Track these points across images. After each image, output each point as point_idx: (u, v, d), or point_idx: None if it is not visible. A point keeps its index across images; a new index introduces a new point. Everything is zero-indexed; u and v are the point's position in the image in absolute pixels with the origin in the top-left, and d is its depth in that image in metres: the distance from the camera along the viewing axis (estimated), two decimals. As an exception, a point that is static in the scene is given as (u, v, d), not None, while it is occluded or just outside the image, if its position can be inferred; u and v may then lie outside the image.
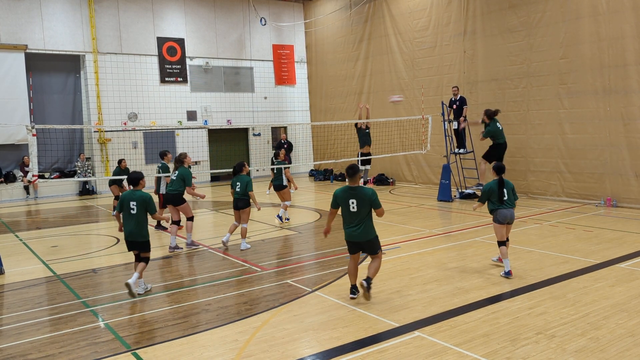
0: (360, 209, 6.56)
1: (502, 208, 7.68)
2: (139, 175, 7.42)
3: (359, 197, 6.58)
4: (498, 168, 7.87)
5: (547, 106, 14.46)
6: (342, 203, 6.66)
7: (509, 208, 7.70)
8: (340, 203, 6.70)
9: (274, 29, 24.41)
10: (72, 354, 5.42)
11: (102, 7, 20.35)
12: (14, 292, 7.77)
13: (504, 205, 7.68)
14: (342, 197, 6.67)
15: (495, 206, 7.71)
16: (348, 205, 6.60)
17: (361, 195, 6.58)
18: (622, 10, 12.64)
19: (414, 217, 12.71)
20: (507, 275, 7.48)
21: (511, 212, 7.73)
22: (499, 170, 7.85)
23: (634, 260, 8.21)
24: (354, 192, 6.63)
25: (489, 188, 7.77)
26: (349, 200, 6.59)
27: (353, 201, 6.57)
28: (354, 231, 6.63)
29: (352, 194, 6.62)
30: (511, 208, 7.72)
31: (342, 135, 21.58)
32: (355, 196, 6.59)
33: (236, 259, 9.17)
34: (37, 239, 11.79)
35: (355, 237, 6.64)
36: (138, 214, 7.19)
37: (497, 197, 7.69)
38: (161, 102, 21.68)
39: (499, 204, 7.68)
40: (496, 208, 7.71)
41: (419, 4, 18.32)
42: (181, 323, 6.19)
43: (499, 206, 7.69)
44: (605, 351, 5.04)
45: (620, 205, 13.00)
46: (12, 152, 19.33)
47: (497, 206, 7.70)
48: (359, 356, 5.14)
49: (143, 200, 7.20)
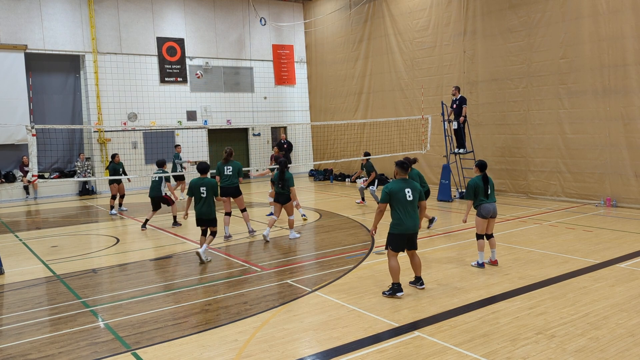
0: (415, 199, 6.81)
1: (485, 202, 8.01)
2: (207, 166, 9.24)
3: (412, 186, 6.86)
4: (481, 165, 8.20)
5: (547, 106, 14.46)
6: (397, 195, 6.76)
7: (492, 202, 8.05)
8: (393, 195, 6.78)
9: (273, 29, 24.41)
10: (72, 354, 5.42)
11: (101, 7, 20.34)
12: (13, 292, 7.77)
13: (488, 200, 8.03)
14: (397, 188, 6.78)
15: (479, 201, 8.03)
16: (404, 195, 6.74)
17: (413, 185, 6.90)
18: (622, 10, 12.64)
19: (414, 217, 12.68)
20: (480, 266, 7.97)
21: (494, 207, 8.09)
22: (482, 167, 8.18)
23: (634, 260, 8.21)
24: (408, 183, 6.88)
25: (474, 184, 8.04)
26: (405, 189, 6.77)
27: (408, 190, 6.77)
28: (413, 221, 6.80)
29: (407, 184, 6.85)
30: (494, 202, 8.10)
31: (342, 135, 21.58)
32: (410, 185, 6.85)
33: (236, 259, 9.17)
34: (37, 239, 11.79)
35: (407, 229, 6.78)
36: (208, 197, 8.91)
37: (483, 192, 8.01)
38: (161, 102, 21.67)
39: (483, 199, 8.01)
40: (480, 203, 8.02)
41: (418, 4, 18.32)
42: (181, 323, 6.19)
43: (483, 201, 8.01)
44: (605, 351, 5.04)
45: (620, 205, 13.00)
46: (11, 152, 19.32)
47: (481, 201, 8.01)
48: (359, 356, 5.14)
49: (212, 185, 8.99)
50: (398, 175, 6.97)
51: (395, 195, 6.76)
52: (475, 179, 8.10)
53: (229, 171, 10.69)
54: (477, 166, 8.24)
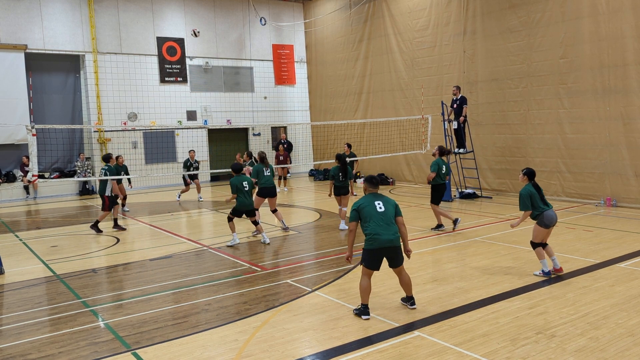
0: (388, 211, 6.18)
1: (547, 210, 7.44)
2: (241, 166, 10.67)
3: (384, 199, 6.29)
4: (530, 173, 7.65)
5: (547, 106, 14.47)
6: (366, 209, 6.16)
7: (551, 209, 7.51)
8: (362, 209, 6.18)
9: (273, 29, 24.40)
10: (72, 354, 5.42)
11: (101, 7, 20.34)
12: (13, 292, 7.77)
13: (548, 207, 7.48)
14: (366, 202, 6.21)
15: (539, 210, 7.44)
16: (375, 207, 6.15)
17: (385, 199, 6.33)
18: (622, 10, 12.64)
19: (414, 216, 12.70)
20: (547, 275, 7.35)
21: (555, 213, 7.54)
22: (531, 175, 7.63)
23: (634, 260, 8.21)
24: (378, 196, 6.33)
25: (528, 193, 7.45)
26: (375, 202, 6.20)
27: (379, 202, 6.20)
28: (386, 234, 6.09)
29: (377, 198, 6.30)
30: (552, 208, 7.55)
31: (342, 135, 21.57)
32: (381, 198, 6.29)
33: (236, 259, 9.17)
34: (37, 238, 11.79)
35: (382, 243, 6.06)
36: (249, 190, 10.30)
37: (539, 199, 7.44)
38: (161, 101, 21.67)
39: (544, 207, 7.44)
40: (542, 211, 7.43)
41: (418, 3, 18.32)
42: (181, 323, 6.19)
43: (544, 209, 7.44)
44: (605, 351, 5.04)
45: (620, 205, 13.00)
46: (11, 152, 19.32)
47: (542, 209, 7.43)
48: (359, 356, 5.14)
49: (251, 181, 10.46)
50: (367, 191, 6.38)
51: (365, 210, 6.13)
52: (527, 187, 7.51)
53: (268, 172, 11.33)
54: (526, 174, 7.65)
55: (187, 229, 12.62)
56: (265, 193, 11.20)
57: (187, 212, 15.15)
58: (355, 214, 6.20)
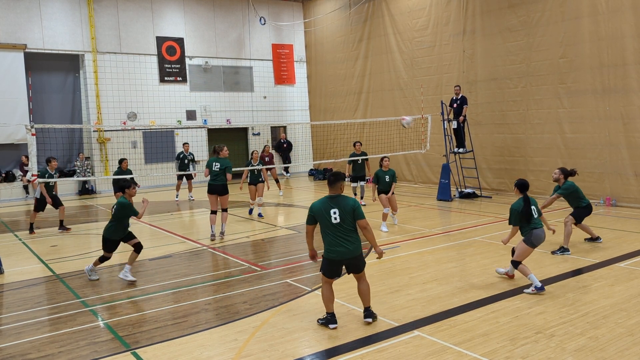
0: (344, 220, 5.73)
1: (536, 228, 7.03)
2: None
3: (341, 205, 5.76)
4: (522, 185, 7.23)
5: (546, 105, 14.47)
6: (320, 217, 5.81)
7: (541, 228, 7.11)
8: (316, 217, 5.85)
9: (273, 29, 24.39)
10: (71, 354, 5.42)
11: (101, 7, 20.33)
12: (13, 291, 7.76)
13: (538, 225, 7.08)
14: (321, 209, 5.80)
15: (528, 228, 7.04)
16: (329, 217, 5.74)
17: (344, 204, 5.78)
18: (622, 10, 12.65)
19: (414, 216, 12.71)
20: (540, 290, 6.73)
21: (544, 232, 7.15)
22: (523, 188, 7.23)
23: (633, 260, 8.22)
24: (335, 201, 5.80)
25: (518, 208, 7.08)
26: (330, 210, 5.75)
27: (335, 211, 5.74)
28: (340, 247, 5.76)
29: (333, 204, 5.79)
30: (542, 227, 7.15)
31: (342, 135, 21.57)
32: (338, 204, 5.77)
33: (236, 259, 9.17)
34: (37, 238, 11.78)
35: (341, 255, 5.77)
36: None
37: (527, 216, 7.05)
38: (160, 101, 21.67)
39: (531, 224, 7.04)
40: (530, 229, 7.02)
41: (418, 3, 18.32)
42: (181, 322, 6.18)
43: (532, 226, 7.04)
44: (604, 350, 5.04)
45: (619, 204, 13.01)
46: (11, 152, 19.30)
47: (530, 227, 7.03)
48: (358, 355, 5.14)
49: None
50: (331, 191, 5.90)
51: (319, 217, 5.79)
52: (519, 201, 7.12)
53: (216, 167, 10.83)
54: (517, 187, 7.25)
55: (186, 229, 12.61)
56: (212, 190, 10.81)
57: (187, 212, 15.14)
58: (311, 219, 5.89)
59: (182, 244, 10.45)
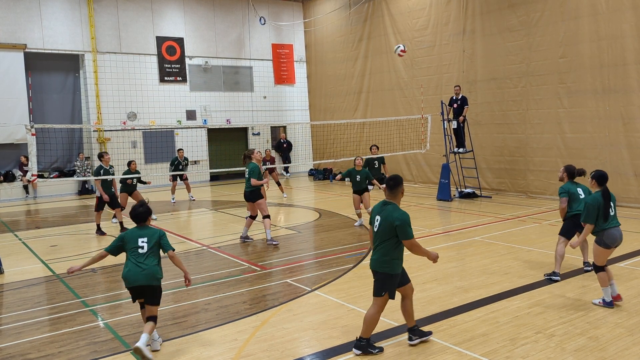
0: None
1: (611, 227, 6.20)
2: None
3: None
4: (600, 177, 6.33)
5: (546, 105, 14.47)
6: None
7: (617, 227, 6.27)
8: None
9: (273, 28, 24.39)
10: (71, 354, 5.42)
11: (101, 7, 20.33)
12: (13, 291, 7.76)
13: (611, 224, 6.22)
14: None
15: (601, 226, 6.19)
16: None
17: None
18: (622, 10, 12.64)
19: (414, 216, 12.63)
20: (609, 305, 6.14)
21: (621, 232, 6.29)
22: (602, 180, 6.32)
23: (633, 260, 8.22)
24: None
25: (595, 202, 6.17)
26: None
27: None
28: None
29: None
30: (619, 226, 6.34)
31: (342, 135, 21.58)
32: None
33: (236, 259, 9.17)
34: (37, 238, 11.78)
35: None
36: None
37: (604, 213, 6.16)
38: (160, 101, 21.67)
39: (607, 223, 6.20)
40: (603, 228, 6.18)
41: (418, 3, 18.32)
42: (181, 322, 6.18)
43: (607, 225, 6.19)
44: (604, 350, 5.05)
45: (619, 204, 12.97)
46: (11, 152, 19.31)
47: (604, 225, 6.19)
48: (359, 355, 5.14)
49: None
50: (389, 196, 5.34)
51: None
52: (597, 195, 6.22)
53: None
54: (595, 178, 6.38)
55: (186, 229, 12.62)
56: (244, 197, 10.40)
57: (186, 212, 15.14)
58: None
59: (182, 244, 10.46)
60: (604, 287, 6.22)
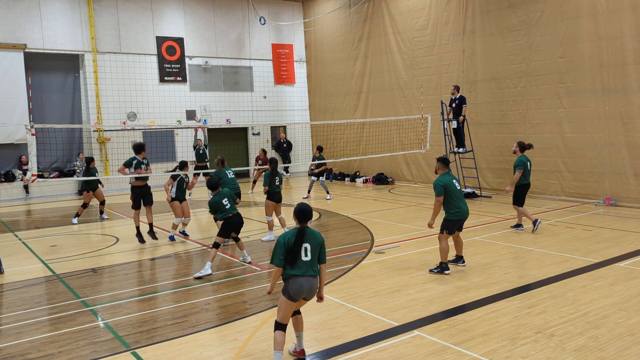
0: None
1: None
2: (217, 183, 8.84)
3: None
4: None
5: (546, 105, 14.47)
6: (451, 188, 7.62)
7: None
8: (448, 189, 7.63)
9: (273, 28, 24.40)
10: (71, 354, 5.42)
11: (101, 7, 20.33)
12: (13, 291, 7.76)
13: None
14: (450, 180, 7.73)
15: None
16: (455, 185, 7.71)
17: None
18: (621, 10, 12.65)
19: (414, 216, 12.71)
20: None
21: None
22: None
23: (633, 260, 8.22)
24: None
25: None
26: (453, 180, 7.80)
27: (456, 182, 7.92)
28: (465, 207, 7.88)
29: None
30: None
31: (342, 135, 21.59)
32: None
33: (236, 259, 9.17)
34: (36, 238, 11.78)
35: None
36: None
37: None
38: (160, 101, 21.67)
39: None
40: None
41: (418, 3, 18.33)
42: (181, 322, 6.19)
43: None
44: (604, 350, 5.05)
45: (619, 204, 13.01)
46: (11, 152, 19.30)
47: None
48: (358, 355, 5.14)
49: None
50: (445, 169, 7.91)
51: (449, 187, 7.64)
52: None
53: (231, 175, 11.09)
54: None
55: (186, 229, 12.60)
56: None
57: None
58: (442, 190, 7.67)
59: (181, 244, 10.46)
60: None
